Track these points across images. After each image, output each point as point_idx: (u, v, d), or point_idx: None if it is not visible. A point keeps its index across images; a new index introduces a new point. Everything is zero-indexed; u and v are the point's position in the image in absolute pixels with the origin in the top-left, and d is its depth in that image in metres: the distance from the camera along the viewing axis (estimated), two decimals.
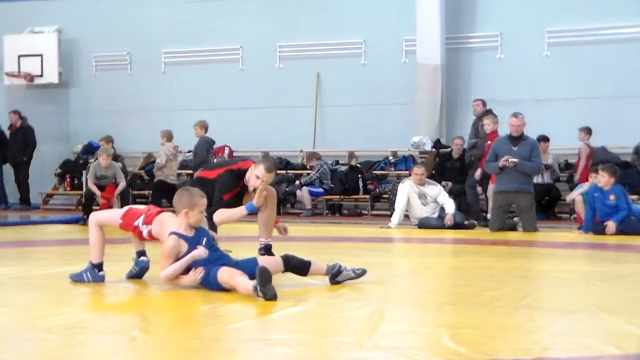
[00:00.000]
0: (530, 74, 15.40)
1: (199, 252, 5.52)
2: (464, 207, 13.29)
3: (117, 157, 15.24)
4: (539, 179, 13.36)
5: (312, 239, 9.97)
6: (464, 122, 14.96)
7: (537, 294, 5.81)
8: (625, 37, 14.97)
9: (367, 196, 15.40)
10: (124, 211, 5.93)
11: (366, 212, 15.49)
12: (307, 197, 15.21)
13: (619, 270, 6.97)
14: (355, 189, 15.47)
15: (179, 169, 16.22)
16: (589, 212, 10.74)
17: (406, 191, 11.87)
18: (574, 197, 11.76)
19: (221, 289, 5.36)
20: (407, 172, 14.18)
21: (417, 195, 11.89)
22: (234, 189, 7.26)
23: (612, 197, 10.55)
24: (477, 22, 15.88)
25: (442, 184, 13.06)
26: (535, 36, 15.41)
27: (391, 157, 16.01)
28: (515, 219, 11.93)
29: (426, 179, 12.14)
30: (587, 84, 15.04)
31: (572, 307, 5.03)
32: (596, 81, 14.99)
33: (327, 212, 15.79)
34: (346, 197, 15.62)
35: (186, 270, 5.52)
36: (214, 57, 17.47)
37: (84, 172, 15.86)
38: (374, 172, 15.80)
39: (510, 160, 11.19)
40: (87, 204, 13.06)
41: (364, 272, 5.82)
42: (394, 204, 12.24)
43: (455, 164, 14.48)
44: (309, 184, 15.40)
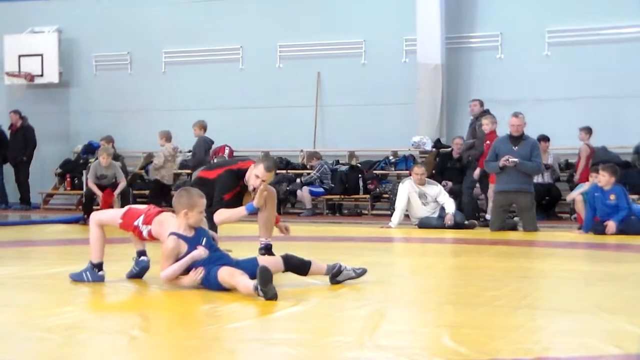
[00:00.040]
0: (530, 74, 15.40)
1: (199, 252, 5.52)
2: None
3: (118, 157, 15.23)
4: (539, 179, 13.35)
5: (313, 239, 9.96)
6: (465, 122, 14.93)
7: (537, 294, 5.81)
8: (625, 37, 14.96)
9: (367, 196, 15.39)
10: (124, 211, 5.93)
11: (366, 212, 15.49)
12: (308, 196, 15.21)
13: (619, 270, 6.97)
14: (355, 188, 15.46)
15: (179, 168, 16.23)
16: (589, 212, 10.73)
17: (406, 191, 11.86)
18: (574, 196, 11.75)
19: (221, 289, 5.36)
20: (407, 172, 14.17)
21: (418, 195, 11.88)
22: (234, 189, 7.26)
23: (612, 196, 10.55)
24: (478, 22, 15.88)
25: (442, 183, 13.05)
26: (535, 36, 15.41)
27: (391, 157, 16.00)
28: (515, 219, 11.93)
29: (426, 179, 12.14)
30: (587, 83, 15.04)
31: (573, 306, 5.03)
32: (596, 81, 14.98)
33: (328, 211, 15.78)
34: (346, 196, 15.61)
35: (186, 270, 5.52)
36: (214, 57, 17.46)
37: (84, 171, 15.83)
38: (374, 171, 15.79)
39: (510, 160, 11.18)
40: (88, 204, 13.07)
41: (364, 272, 5.82)
42: (394, 203, 12.23)
43: (455, 164, 14.46)
44: (309, 183, 15.39)
